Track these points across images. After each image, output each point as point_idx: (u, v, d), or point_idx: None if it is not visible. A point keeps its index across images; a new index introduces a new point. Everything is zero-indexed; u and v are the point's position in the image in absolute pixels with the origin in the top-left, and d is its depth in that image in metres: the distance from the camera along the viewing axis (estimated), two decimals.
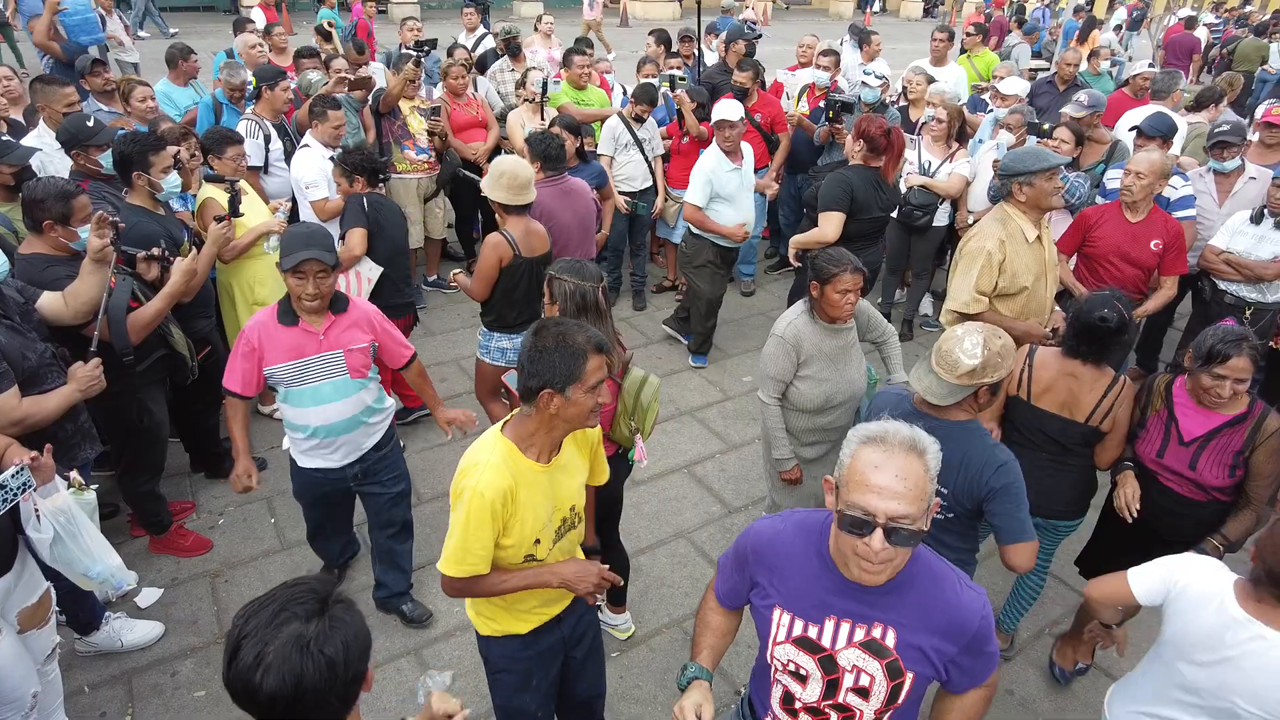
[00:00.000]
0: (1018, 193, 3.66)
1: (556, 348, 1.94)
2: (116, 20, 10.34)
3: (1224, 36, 13.78)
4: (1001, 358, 2.40)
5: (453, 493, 2.08)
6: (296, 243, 2.80)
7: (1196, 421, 2.80)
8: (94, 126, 3.79)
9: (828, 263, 3.04)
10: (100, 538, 2.63)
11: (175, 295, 3.38)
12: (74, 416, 2.97)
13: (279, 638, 1.27)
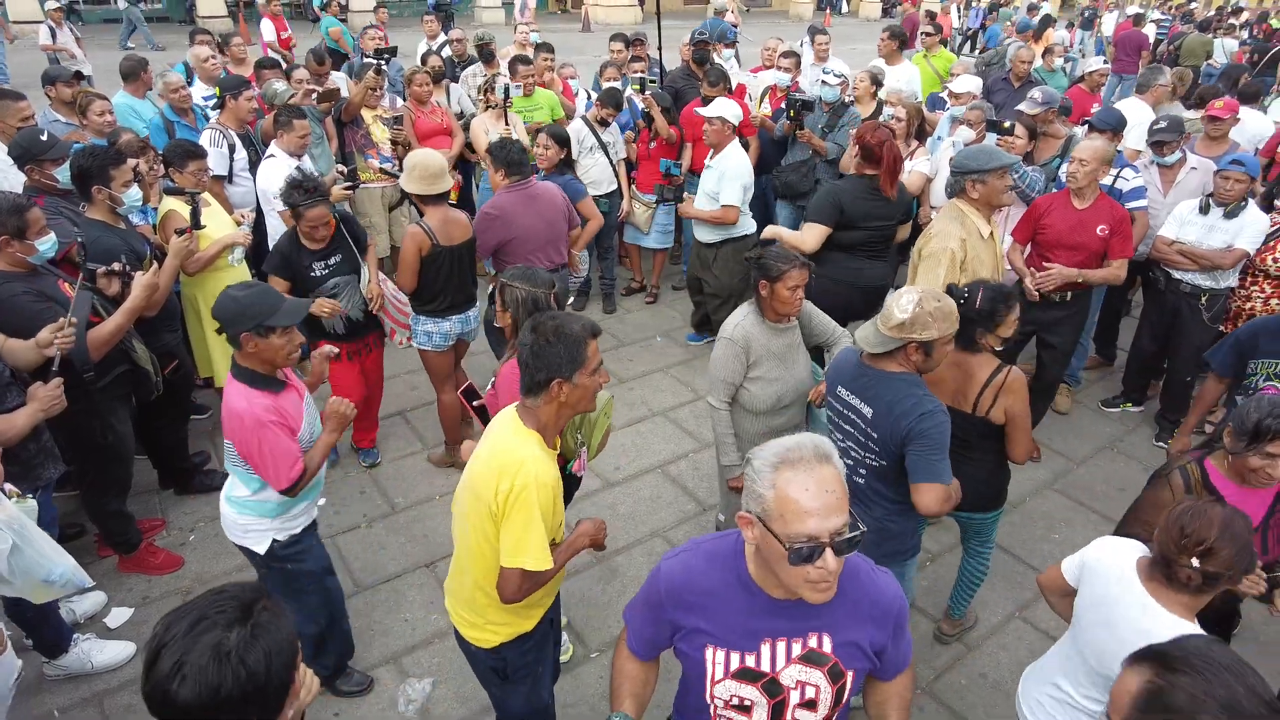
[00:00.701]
0: (971, 190, 3.77)
1: (558, 339, 2.04)
2: (67, 32, 10.19)
3: (1170, 32, 14.16)
4: (933, 318, 2.46)
5: (499, 492, 2.05)
6: (268, 298, 2.50)
7: (1252, 505, 2.47)
8: (48, 140, 3.72)
9: (777, 260, 3.04)
10: (51, 540, 2.58)
11: (136, 311, 3.31)
12: (36, 436, 2.92)
13: (197, 646, 1.21)
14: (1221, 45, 12.17)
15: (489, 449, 2.14)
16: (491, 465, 2.09)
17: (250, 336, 2.46)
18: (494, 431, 2.18)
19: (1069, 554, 3.79)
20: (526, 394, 2.10)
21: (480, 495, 2.10)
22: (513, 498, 2.03)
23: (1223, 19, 16.01)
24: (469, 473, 2.19)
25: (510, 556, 2.08)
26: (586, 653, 3.43)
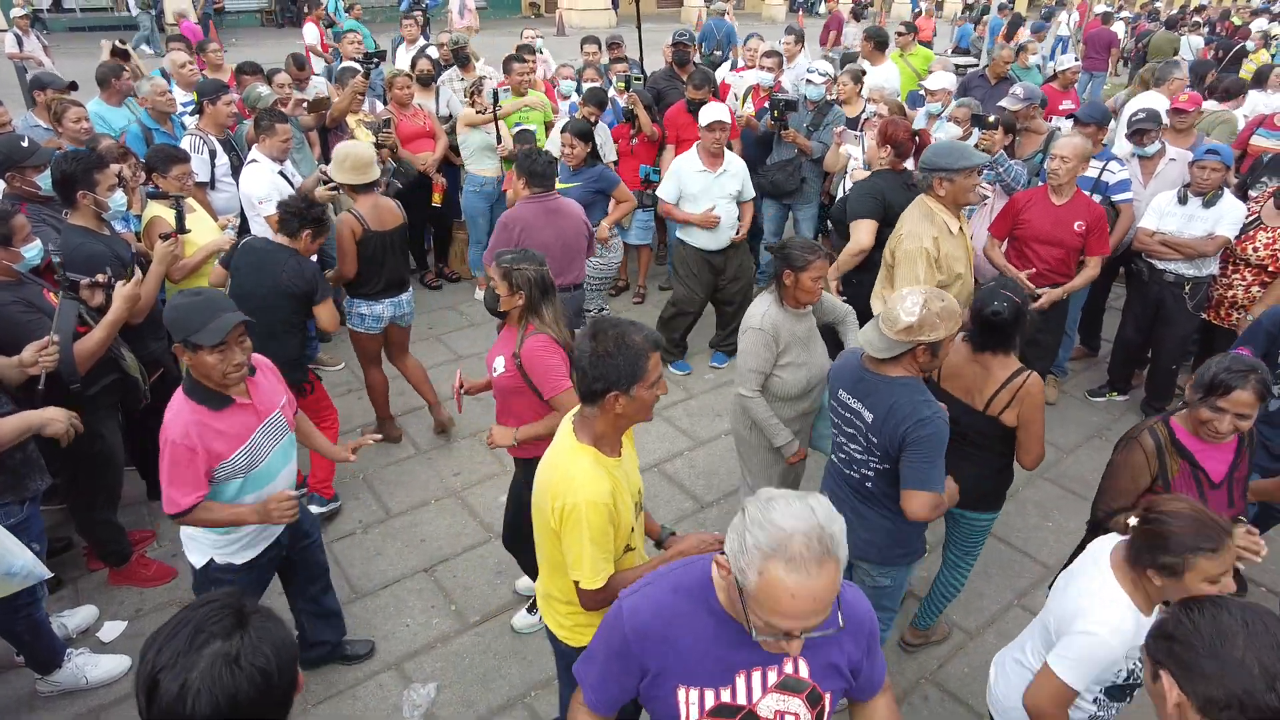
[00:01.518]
0: (938, 187, 3.78)
1: (618, 350, 1.98)
2: (34, 40, 10.00)
3: (1137, 30, 14.44)
4: (940, 318, 2.45)
5: (552, 512, 2.06)
6: (202, 311, 2.35)
7: (1216, 460, 2.58)
8: (29, 147, 3.64)
9: (802, 251, 3.12)
10: (9, 534, 2.54)
11: (118, 323, 3.19)
12: (22, 446, 2.84)
13: (201, 661, 1.19)
14: (1188, 42, 12.41)
15: (549, 464, 2.14)
16: (549, 481, 2.10)
17: (182, 349, 2.36)
18: (554, 444, 2.17)
19: (1063, 540, 3.85)
20: (584, 401, 2.08)
21: (540, 509, 2.14)
22: (565, 515, 2.04)
23: (1186, 17, 16.37)
24: (535, 484, 2.19)
25: (571, 569, 2.10)
26: None
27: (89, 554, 3.76)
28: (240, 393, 2.53)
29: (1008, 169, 4.95)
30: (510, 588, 3.73)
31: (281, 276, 3.66)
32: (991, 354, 2.85)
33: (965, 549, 3.24)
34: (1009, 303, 2.76)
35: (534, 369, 2.92)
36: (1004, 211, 4.58)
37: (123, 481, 3.62)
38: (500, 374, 3.01)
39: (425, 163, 5.99)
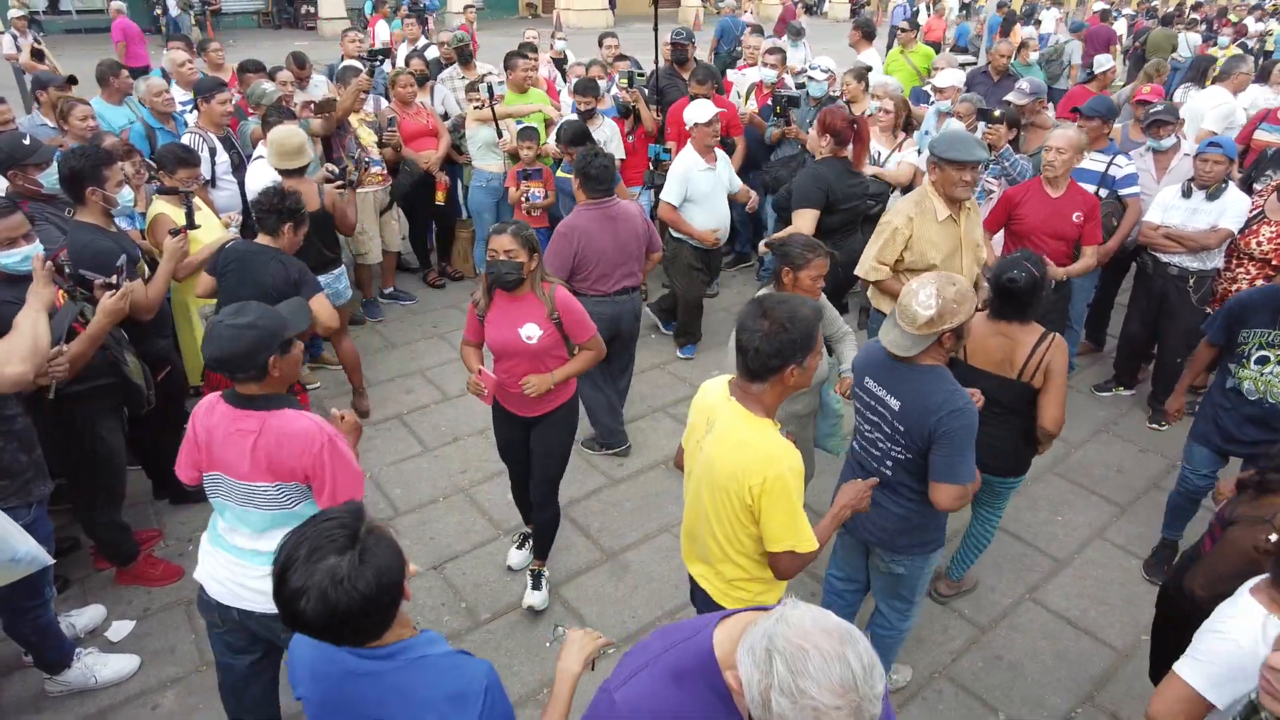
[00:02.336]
0: (931, 171, 3.83)
1: (792, 324, 2.03)
2: (30, 41, 9.95)
3: (1135, 28, 14.47)
4: (957, 303, 2.44)
5: (750, 490, 2.07)
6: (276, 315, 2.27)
7: None
8: (31, 145, 3.62)
9: (803, 249, 3.12)
10: (11, 520, 2.52)
11: (98, 337, 3.04)
12: (29, 449, 2.82)
13: (315, 573, 1.39)
14: (1185, 39, 12.44)
15: (734, 445, 2.11)
16: (743, 461, 2.08)
17: (277, 359, 2.22)
18: (728, 426, 2.15)
19: (1072, 534, 3.85)
20: (752, 379, 2.10)
21: (730, 491, 2.12)
22: (768, 488, 2.06)
23: (1183, 14, 16.42)
24: (711, 469, 2.16)
25: (776, 542, 2.12)
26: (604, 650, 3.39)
27: (96, 553, 3.74)
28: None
29: (1013, 163, 4.95)
30: (522, 584, 3.71)
31: (266, 278, 3.63)
32: (1013, 323, 2.99)
33: (994, 506, 3.44)
34: (1025, 273, 2.89)
35: (569, 316, 3.15)
36: (999, 205, 4.59)
37: (125, 481, 3.58)
38: (540, 337, 3.12)
39: (428, 161, 5.97)
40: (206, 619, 2.56)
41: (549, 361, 3.19)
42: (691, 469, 2.34)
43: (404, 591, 1.50)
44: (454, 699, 1.53)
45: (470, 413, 5.01)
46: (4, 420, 2.69)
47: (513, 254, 3.00)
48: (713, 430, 2.19)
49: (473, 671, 1.58)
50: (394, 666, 1.53)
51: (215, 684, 3.15)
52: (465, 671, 1.58)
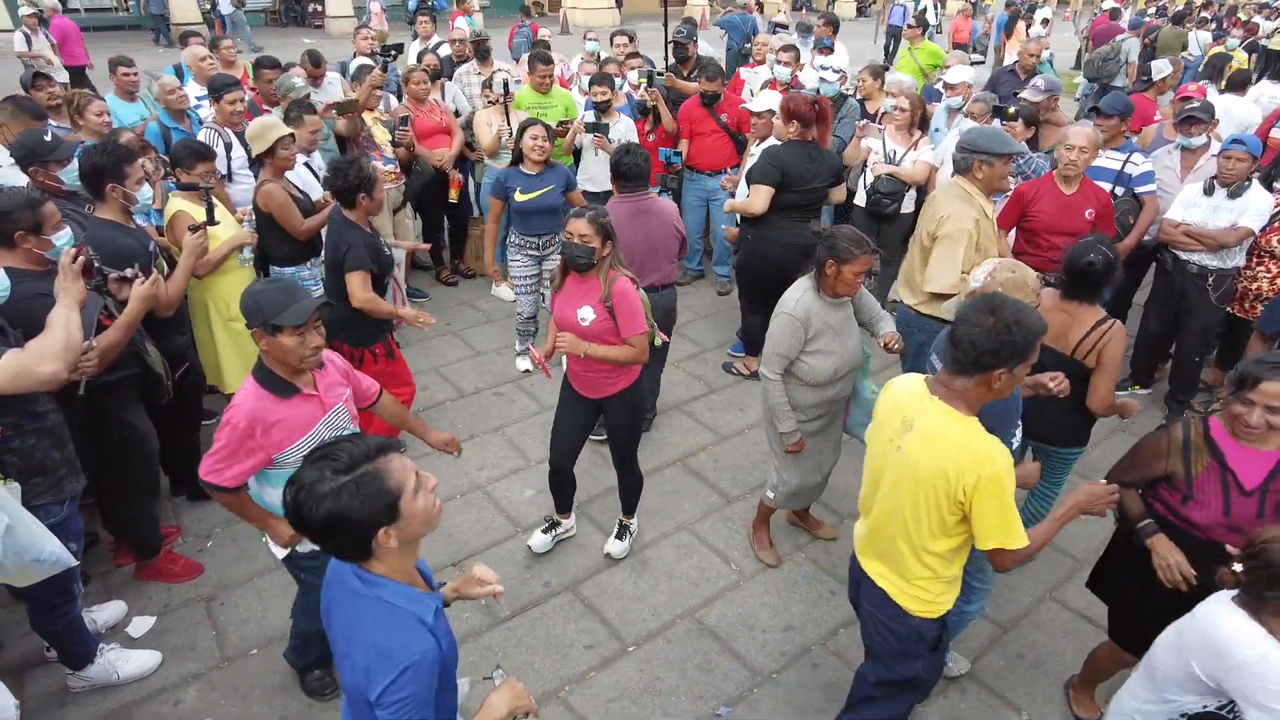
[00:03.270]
0: (977, 170, 3.84)
1: (1017, 328, 2.02)
2: (42, 39, 9.98)
3: (1146, 26, 14.40)
4: (1004, 288, 2.54)
5: (965, 487, 2.09)
6: (284, 294, 2.39)
7: (1254, 465, 2.41)
8: (52, 141, 3.62)
9: (850, 244, 3.14)
10: (37, 520, 2.52)
11: (133, 323, 3.09)
12: (61, 446, 2.82)
13: (305, 475, 1.56)
14: (1195, 37, 12.40)
15: (942, 443, 2.12)
16: (952, 460, 2.09)
17: (261, 334, 2.38)
18: (934, 424, 2.16)
19: (1093, 533, 3.84)
20: (960, 372, 2.11)
21: (939, 489, 2.13)
22: (982, 487, 2.07)
23: (1193, 13, 16.34)
24: (915, 466, 2.17)
25: (987, 539, 2.13)
26: (623, 647, 3.39)
27: (116, 549, 3.74)
28: (307, 383, 2.54)
29: (1028, 160, 4.94)
30: (541, 581, 3.71)
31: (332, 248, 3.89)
32: (1079, 303, 3.12)
33: (1053, 480, 3.53)
34: (1103, 256, 3.06)
35: (622, 308, 3.22)
36: (1011, 202, 4.55)
37: (158, 469, 3.60)
38: (592, 320, 3.24)
39: (441, 159, 5.97)
40: None
41: (605, 343, 3.28)
42: (881, 467, 2.34)
43: (375, 537, 1.60)
44: (382, 654, 1.61)
45: (486, 410, 5.01)
46: (36, 417, 2.69)
47: (586, 239, 3.16)
48: (913, 429, 2.20)
49: (410, 642, 1.63)
50: (369, 595, 1.66)
51: (236, 680, 3.19)
52: (405, 638, 1.63)
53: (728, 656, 3.36)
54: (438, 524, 1.73)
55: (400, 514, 1.60)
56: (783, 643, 3.44)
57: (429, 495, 1.67)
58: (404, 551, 1.68)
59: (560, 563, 3.83)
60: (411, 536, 1.67)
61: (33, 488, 2.67)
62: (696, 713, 3.13)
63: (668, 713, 3.12)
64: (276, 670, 3.24)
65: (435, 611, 1.72)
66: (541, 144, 4.75)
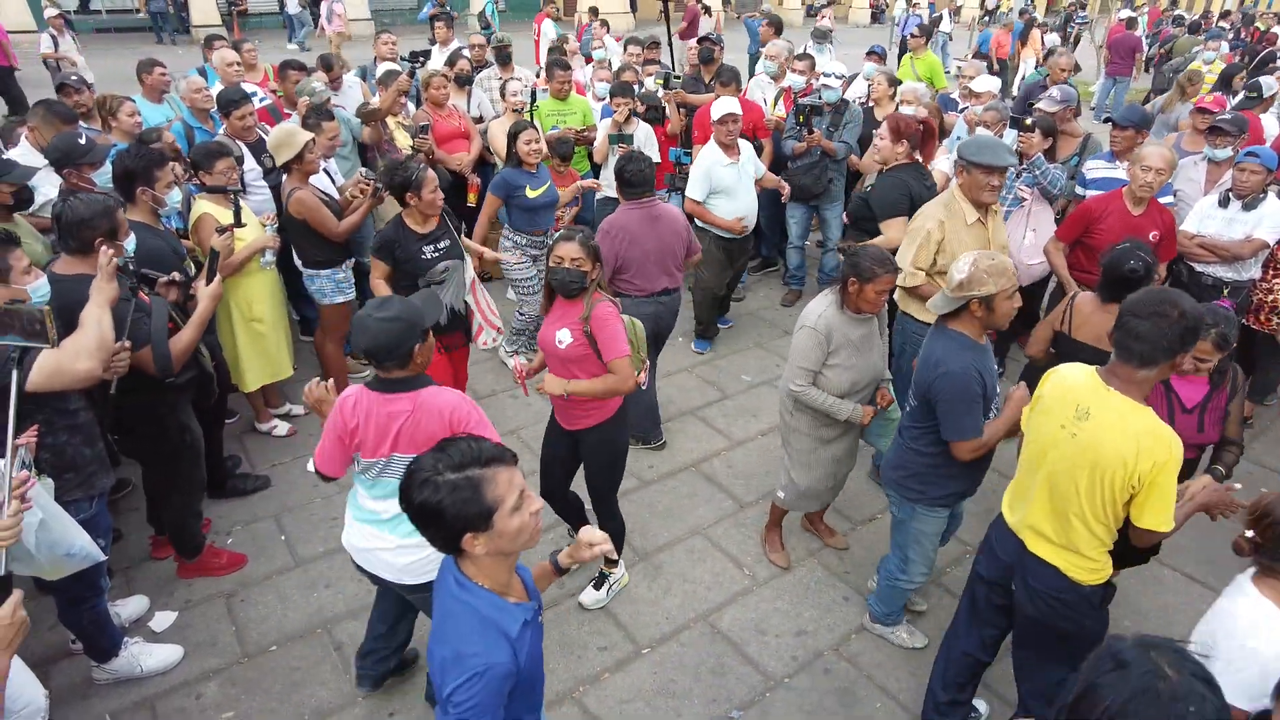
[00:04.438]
0: (959, 174, 3.88)
1: (1193, 316, 2.20)
2: (68, 40, 10.13)
3: (1161, 35, 14.37)
4: (988, 274, 2.66)
5: (1139, 473, 2.25)
6: (415, 306, 2.52)
7: (1192, 390, 3.17)
8: (86, 144, 3.71)
9: (873, 263, 3.16)
10: (68, 515, 2.58)
11: (205, 321, 3.32)
12: (92, 443, 2.89)
13: (423, 467, 1.64)
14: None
15: (1122, 431, 2.27)
16: (1133, 447, 2.24)
17: (419, 347, 2.45)
18: (1116, 414, 2.30)
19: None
20: (1140, 366, 2.25)
21: (1115, 472, 2.28)
22: (1156, 472, 2.24)
23: (1209, 22, 16.30)
24: (1095, 451, 2.31)
25: (1145, 519, 2.31)
26: (637, 649, 3.43)
27: (155, 544, 3.81)
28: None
29: (1044, 172, 4.93)
30: (555, 583, 3.73)
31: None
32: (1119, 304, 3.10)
33: None
34: (1142, 262, 3.18)
35: (602, 332, 3.09)
36: (1077, 218, 4.44)
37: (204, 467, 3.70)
38: (569, 344, 3.13)
39: (460, 163, 6.03)
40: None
41: (578, 372, 3.17)
42: (1045, 451, 2.48)
43: (462, 539, 1.64)
44: (457, 656, 1.66)
45: (501, 412, 5.06)
46: (67, 415, 2.75)
47: (579, 262, 3.05)
48: (1091, 417, 2.34)
49: (484, 651, 1.66)
50: (456, 596, 1.73)
51: (256, 676, 3.24)
52: (480, 645, 1.67)
53: (740, 660, 3.40)
54: (534, 544, 1.75)
55: (493, 526, 1.64)
56: (795, 648, 3.47)
57: (528, 517, 1.69)
58: (496, 561, 1.73)
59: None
60: (502, 550, 1.70)
61: (64, 484, 2.74)
62: (710, 715, 3.16)
63: (681, 715, 3.15)
64: (296, 666, 3.30)
65: (524, 624, 1.74)
66: (536, 147, 4.92)
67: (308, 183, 4.39)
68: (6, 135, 4.71)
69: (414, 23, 17.18)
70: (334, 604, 3.61)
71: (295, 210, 4.32)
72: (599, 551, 2.01)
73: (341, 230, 4.43)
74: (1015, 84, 12.96)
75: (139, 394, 3.08)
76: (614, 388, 3.15)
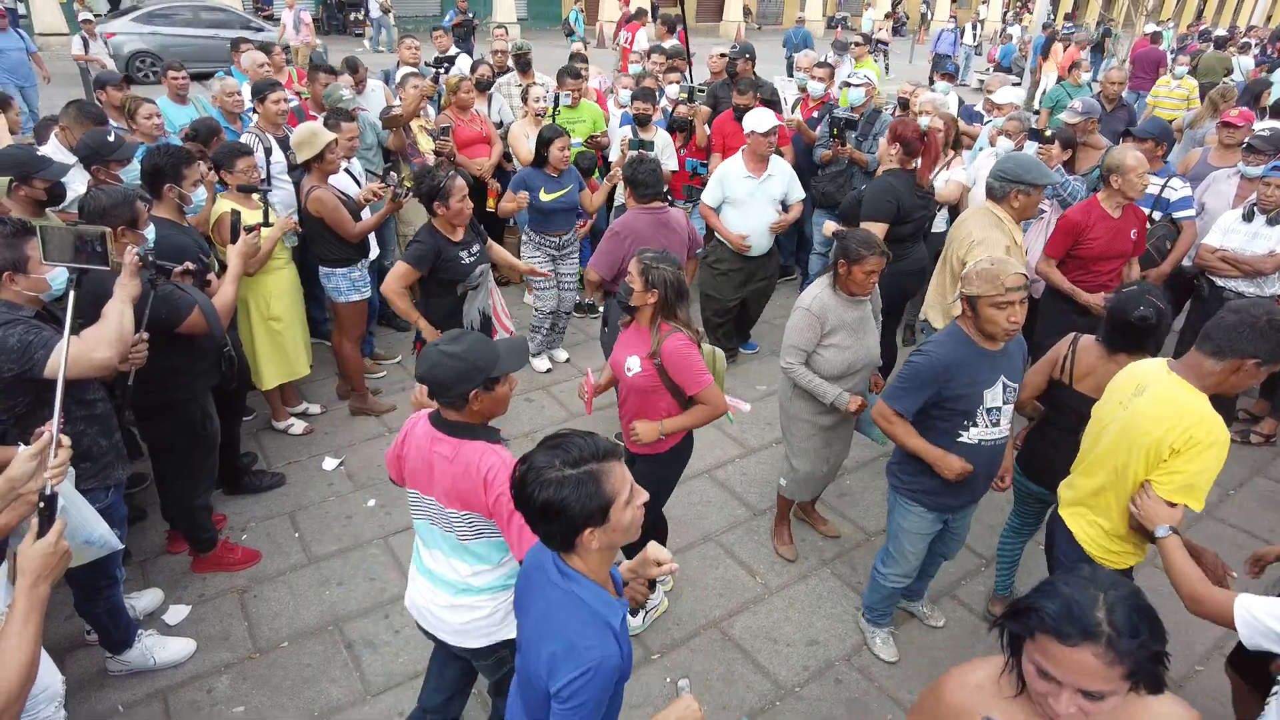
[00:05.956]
0: (1014, 199, 3.82)
1: (1272, 330, 2.29)
2: (100, 43, 10.31)
3: (1188, 49, 14.25)
4: (978, 276, 2.68)
5: (1174, 439, 2.34)
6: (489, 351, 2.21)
7: None
8: (115, 142, 3.77)
9: (860, 245, 3.27)
10: (87, 503, 2.60)
11: (239, 276, 3.51)
12: (109, 434, 2.93)
13: (538, 459, 1.65)
14: (1239, 62, 12.25)
15: (1165, 401, 2.40)
16: (1171, 416, 2.36)
17: (479, 393, 2.18)
18: (1165, 389, 2.43)
19: None
20: (1213, 353, 2.35)
21: (1148, 443, 2.39)
22: (1190, 447, 2.32)
23: (1235, 37, 16.15)
24: (1138, 420, 2.45)
25: (1174, 492, 2.38)
26: (648, 655, 3.42)
27: (171, 539, 3.85)
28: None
29: (1065, 183, 4.91)
30: None
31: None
32: (1127, 354, 2.91)
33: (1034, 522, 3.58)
34: (1154, 307, 2.85)
35: (675, 367, 2.98)
36: (1063, 231, 4.37)
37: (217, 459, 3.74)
38: (636, 374, 3.05)
39: (481, 168, 6.08)
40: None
41: (651, 399, 3.10)
42: (1104, 426, 2.63)
43: (581, 534, 1.64)
44: (570, 648, 1.64)
45: (516, 415, 5.08)
46: (85, 405, 2.79)
47: (630, 280, 3.00)
48: (1145, 394, 2.48)
49: (597, 644, 1.65)
50: (564, 588, 1.71)
51: (267, 672, 3.26)
52: (594, 639, 1.65)
53: (751, 669, 3.38)
54: (636, 537, 1.74)
55: (609, 519, 1.65)
56: (806, 657, 3.44)
57: (637, 510, 1.70)
58: (603, 555, 1.73)
59: None
60: (612, 543, 1.70)
61: (80, 473, 2.77)
62: None
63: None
64: (307, 663, 3.31)
65: (622, 620, 1.75)
66: (568, 154, 5.01)
67: (326, 182, 4.44)
68: (41, 134, 4.81)
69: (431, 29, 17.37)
70: (345, 602, 3.62)
71: (313, 208, 4.37)
72: (665, 570, 1.95)
73: (358, 231, 4.48)
74: (1037, 98, 12.88)
75: (161, 380, 3.15)
76: (707, 418, 3.11)
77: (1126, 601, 1.37)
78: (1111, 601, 1.37)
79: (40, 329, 2.54)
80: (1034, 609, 1.40)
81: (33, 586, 1.72)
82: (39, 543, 1.76)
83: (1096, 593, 1.38)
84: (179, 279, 3.17)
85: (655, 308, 3.02)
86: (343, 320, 4.77)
